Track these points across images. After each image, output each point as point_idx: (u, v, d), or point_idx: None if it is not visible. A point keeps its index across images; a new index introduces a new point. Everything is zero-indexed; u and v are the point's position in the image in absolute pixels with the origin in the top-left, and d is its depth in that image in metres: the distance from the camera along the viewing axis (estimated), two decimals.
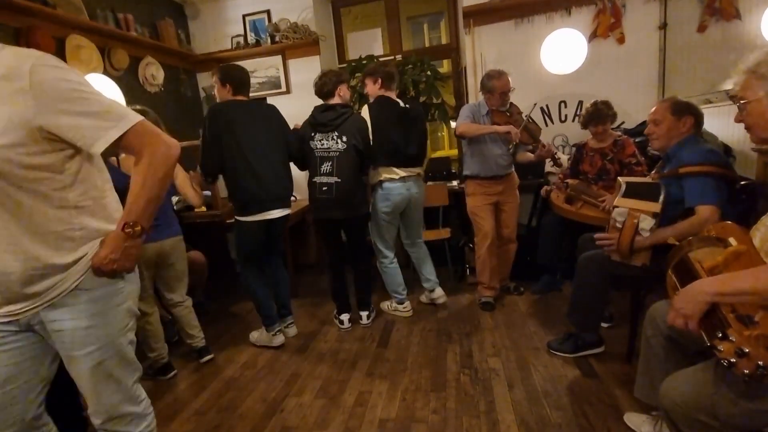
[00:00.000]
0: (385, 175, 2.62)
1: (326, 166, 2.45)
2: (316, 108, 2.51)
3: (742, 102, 1.18)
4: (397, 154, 2.60)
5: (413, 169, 2.69)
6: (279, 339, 2.53)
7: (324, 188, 2.45)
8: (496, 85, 2.62)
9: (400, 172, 2.63)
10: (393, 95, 2.66)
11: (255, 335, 2.62)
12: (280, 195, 2.40)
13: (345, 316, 2.70)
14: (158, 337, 2.25)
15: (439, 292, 2.92)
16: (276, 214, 2.38)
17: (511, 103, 2.74)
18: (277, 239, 2.55)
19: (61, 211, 0.96)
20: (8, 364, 1.02)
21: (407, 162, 2.65)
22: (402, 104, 2.65)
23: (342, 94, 2.53)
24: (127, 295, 1.12)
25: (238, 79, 2.32)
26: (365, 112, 2.61)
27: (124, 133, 0.96)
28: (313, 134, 2.47)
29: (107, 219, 1.05)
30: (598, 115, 2.59)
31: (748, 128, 1.21)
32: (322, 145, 2.45)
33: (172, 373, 2.31)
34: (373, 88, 2.65)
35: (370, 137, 2.54)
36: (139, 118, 0.99)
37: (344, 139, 2.44)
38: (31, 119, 0.87)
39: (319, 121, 2.45)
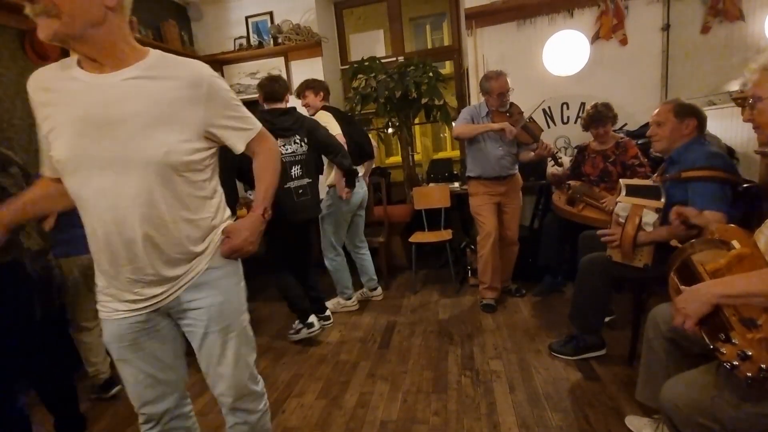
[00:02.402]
0: None
1: (296, 170, 2.47)
2: (269, 113, 2.44)
3: (754, 100, 1.15)
4: (362, 154, 2.91)
5: (360, 168, 2.95)
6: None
7: (300, 191, 2.48)
8: (493, 86, 2.64)
9: (359, 171, 2.88)
10: None
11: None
12: None
13: (314, 318, 2.60)
14: (98, 352, 2.10)
15: (379, 290, 3.24)
16: None
17: (512, 103, 2.74)
18: None
19: (204, 200, 1.09)
20: (158, 347, 1.13)
21: (362, 161, 2.97)
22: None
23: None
24: (242, 275, 1.22)
25: None
26: (328, 116, 2.76)
27: (256, 134, 1.15)
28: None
29: (224, 209, 1.18)
30: (598, 117, 2.59)
31: (757, 128, 1.19)
32: (287, 150, 2.44)
33: (116, 389, 2.13)
34: (314, 100, 2.88)
35: (327, 133, 2.60)
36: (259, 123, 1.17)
37: (306, 141, 2.51)
38: (202, 121, 1.02)
39: (279, 126, 2.40)
